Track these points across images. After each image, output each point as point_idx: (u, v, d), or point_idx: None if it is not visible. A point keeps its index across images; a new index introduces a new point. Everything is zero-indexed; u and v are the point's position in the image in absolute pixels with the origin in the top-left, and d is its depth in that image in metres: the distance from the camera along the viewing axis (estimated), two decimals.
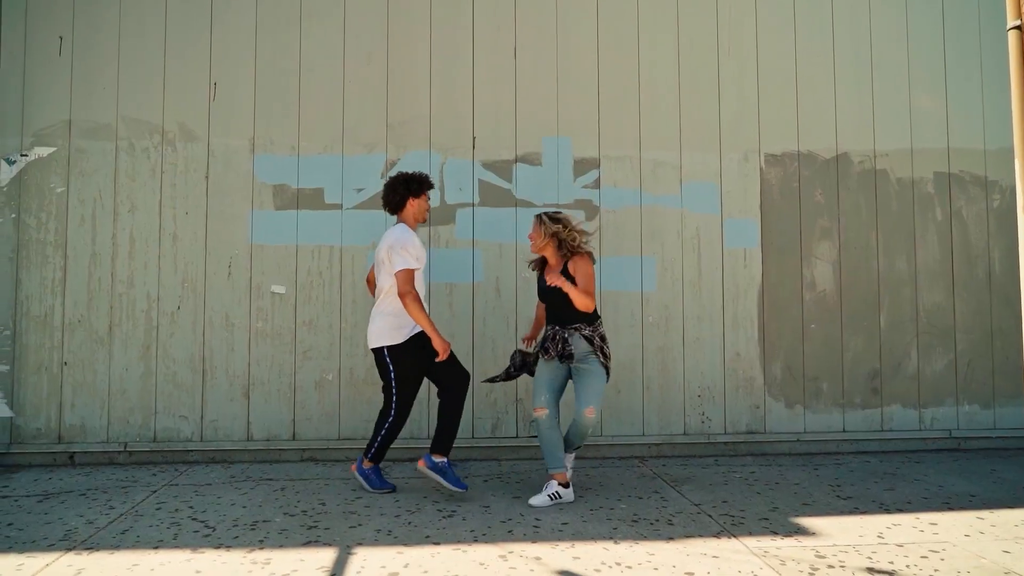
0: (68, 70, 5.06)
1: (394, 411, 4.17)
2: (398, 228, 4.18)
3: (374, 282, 4.34)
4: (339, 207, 5.14)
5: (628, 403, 5.24)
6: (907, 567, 3.14)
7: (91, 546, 3.36)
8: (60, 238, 4.99)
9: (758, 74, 5.47)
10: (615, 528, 3.62)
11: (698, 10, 5.47)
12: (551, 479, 4.07)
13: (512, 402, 5.18)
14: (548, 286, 4.09)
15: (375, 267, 4.27)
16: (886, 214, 5.51)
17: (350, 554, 3.26)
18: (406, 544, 3.39)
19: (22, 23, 5.03)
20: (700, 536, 3.51)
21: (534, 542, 3.42)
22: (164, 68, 5.11)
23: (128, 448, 4.93)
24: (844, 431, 5.37)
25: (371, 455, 4.22)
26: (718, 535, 3.53)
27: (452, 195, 5.20)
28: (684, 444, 5.24)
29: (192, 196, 5.09)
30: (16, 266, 4.96)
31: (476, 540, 3.44)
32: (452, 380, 4.16)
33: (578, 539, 3.46)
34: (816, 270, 5.44)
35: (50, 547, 3.34)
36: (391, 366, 4.13)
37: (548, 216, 4.18)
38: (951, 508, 3.98)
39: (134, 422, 4.97)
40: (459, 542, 3.42)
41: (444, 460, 4.07)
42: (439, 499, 4.11)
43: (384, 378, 4.20)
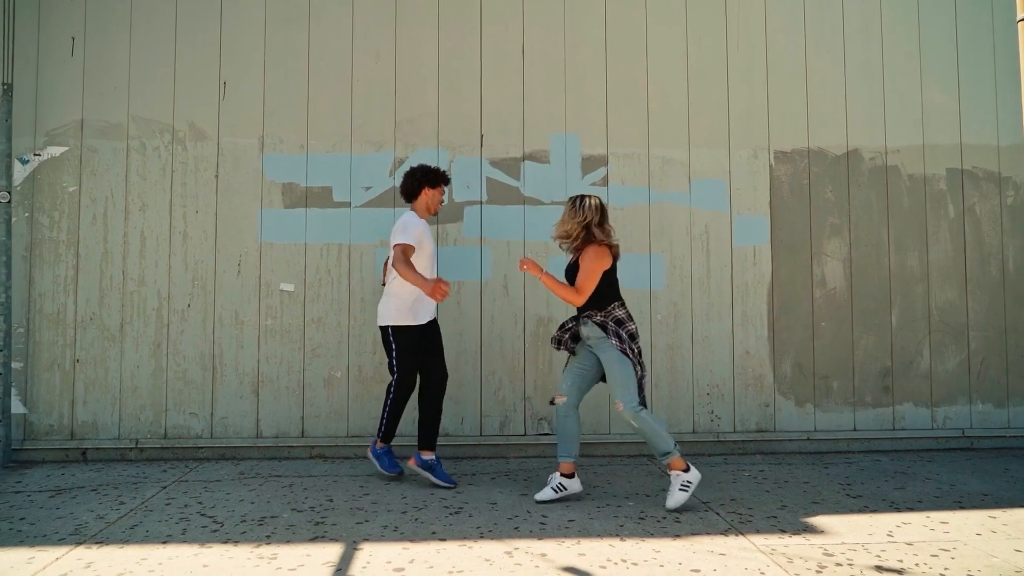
0: (80, 70, 5.11)
1: (394, 388, 4.36)
2: (406, 213, 4.44)
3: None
4: (347, 205, 5.16)
5: None
6: (916, 565, 3.11)
7: (101, 540, 3.39)
8: (72, 237, 5.04)
9: (767, 70, 5.44)
10: (621, 525, 3.61)
11: (706, 5, 5.44)
12: (555, 470, 4.08)
13: (520, 400, 5.18)
14: (567, 271, 4.16)
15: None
16: (897, 211, 5.46)
17: (356, 549, 3.27)
18: (412, 540, 3.39)
19: (35, 24, 5.08)
20: (707, 534, 3.50)
21: (540, 539, 3.41)
22: (174, 68, 5.15)
23: (139, 445, 4.97)
24: (855, 430, 5.32)
25: (380, 434, 4.42)
26: (725, 533, 3.51)
27: (460, 193, 5.21)
28: (693, 442, 5.21)
29: (202, 195, 5.12)
30: (30, 264, 5.01)
31: (482, 536, 3.44)
32: (436, 376, 4.39)
33: (584, 536, 3.45)
34: (826, 267, 5.40)
35: (61, 541, 3.38)
36: (393, 344, 4.34)
37: (583, 198, 4.04)
38: (963, 507, 3.94)
39: (145, 419, 5.02)
40: (465, 538, 3.42)
41: (433, 456, 4.30)
42: (446, 496, 4.11)
43: (388, 355, 4.40)
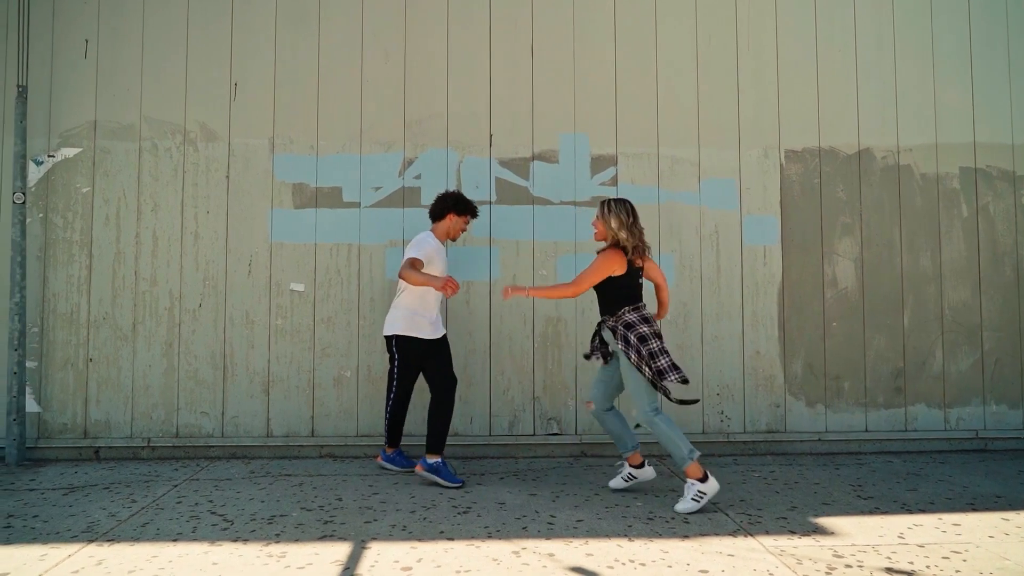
0: (93, 72, 5.16)
1: (392, 395, 4.55)
2: (423, 232, 4.53)
3: None
4: (357, 206, 5.18)
5: None
6: (927, 567, 3.08)
7: (112, 538, 3.42)
8: (86, 237, 5.09)
9: (778, 69, 5.40)
10: (630, 526, 3.60)
11: (716, 4, 5.42)
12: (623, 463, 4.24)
13: (529, 400, 5.18)
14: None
15: None
16: (910, 210, 5.41)
17: (364, 548, 3.29)
18: (420, 539, 3.40)
19: (49, 26, 5.14)
20: (716, 534, 3.48)
21: (548, 539, 3.41)
22: (186, 69, 5.19)
23: (151, 443, 5.01)
24: (867, 431, 5.28)
25: (386, 440, 4.66)
26: (734, 534, 3.50)
27: (469, 193, 5.18)
28: (703, 443, 5.17)
29: (213, 195, 5.16)
30: (43, 265, 5.06)
31: (490, 536, 3.45)
32: (443, 383, 4.41)
33: (592, 536, 3.45)
34: (838, 267, 5.36)
35: (73, 538, 3.41)
36: (396, 354, 4.47)
37: (613, 203, 4.05)
38: (976, 509, 3.90)
39: (157, 418, 5.06)
40: (473, 538, 3.43)
41: (438, 459, 4.33)
42: (454, 495, 4.12)
43: (390, 363, 4.54)
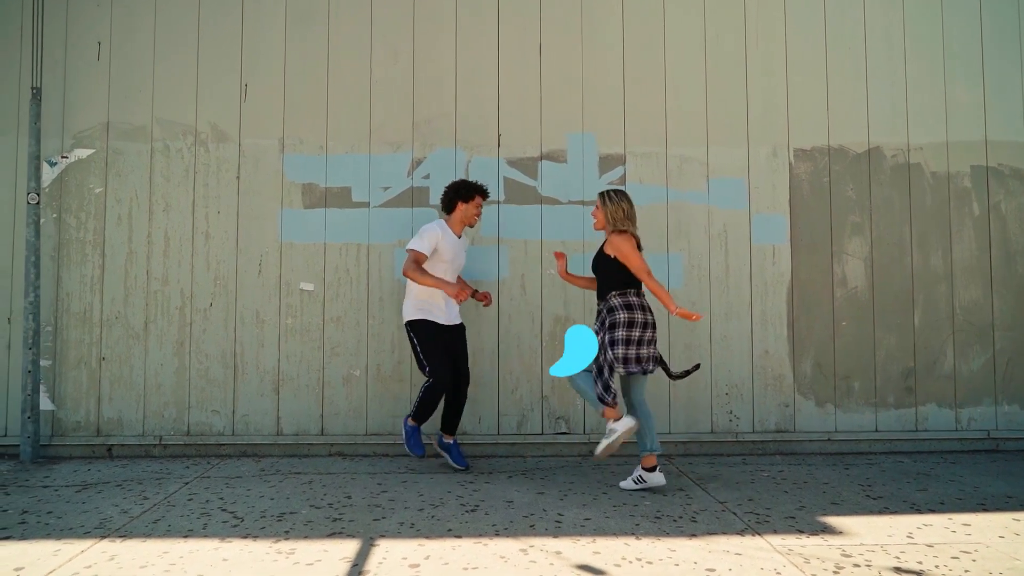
0: (106, 74, 5.21)
1: (431, 377, 4.46)
2: (432, 221, 4.64)
3: None
4: (366, 205, 5.21)
5: (654, 400, 5.18)
6: (936, 567, 3.07)
7: (124, 534, 3.46)
8: (98, 237, 5.15)
9: (787, 67, 5.39)
10: (637, 524, 3.61)
11: (725, 2, 5.41)
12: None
13: (537, 399, 5.19)
14: (593, 261, 4.37)
15: None
16: (920, 209, 5.38)
17: (372, 545, 3.31)
18: (428, 537, 3.42)
19: (63, 29, 5.20)
20: (724, 533, 3.48)
21: (555, 537, 3.42)
22: (197, 70, 5.24)
23: (163, 441, 5.06)
24: (876, 431, 5.26)
25: (412, 412, 4.59)
26: (742, 532, 3.49)
27: None
28: (711, 442, 5.19)
29: (224, 196, 5.20)
30: (57, 264, 5.12)
31: (498, 534, 3.46)
32: (458, 378, 4.57)
33: (599, 534, 3.45)
34: (847, 266, 5.34)
35: (86, 534, 3.46)
36: (414, 338, 4.52)
37: (613, 193, 4.28)
38: (986, 509, 3.88)
39: (168, 416, 5.11)
40: (481, 535, 3.44)
41: (452, 440, 4.64)
42: (463, 494, 4.14)
43: (414, 353, 4.56)
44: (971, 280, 5.38)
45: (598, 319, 4.30)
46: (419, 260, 4.39)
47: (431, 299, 4.53)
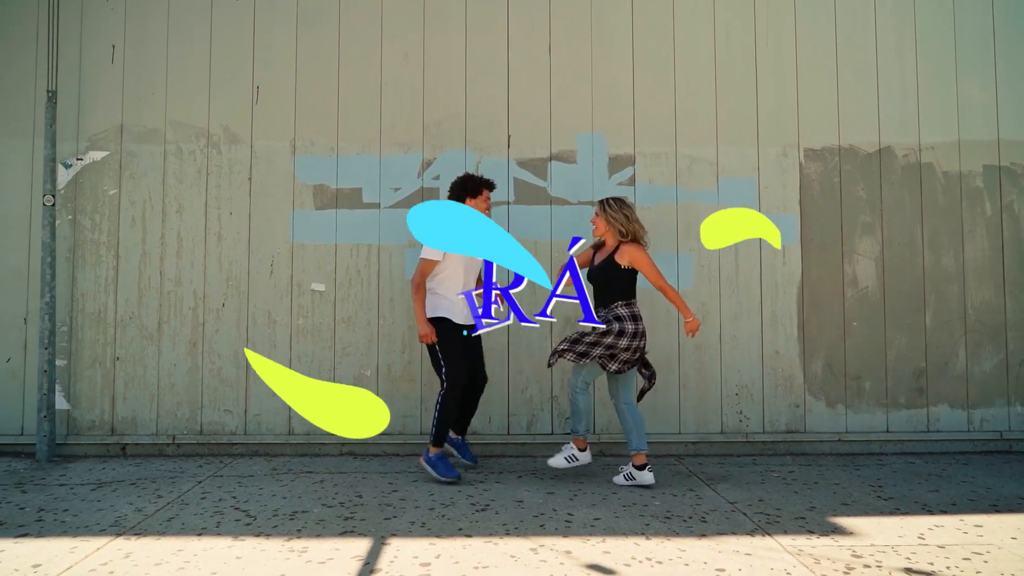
0: (120, 77, 5.27)
1: (447, 383, 4.35)
2: None
3: None
4: (376, 206, 5.24)
5: (664, 401, 5.21)
6: (947, 568, 3.06)
7: (139, 532, 3.51)
8: (113, 238, 5.21)
9: (797, 66, 5.38)
10: (647, 524, 3.61)
11: (735, 1, 5.40)
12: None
13: (547, 399, 5.20)
14: (595, 268, 4.40)
15: None
16: (932, 209, 5.36)
17: (384, 544, 3.33)
18: (439, 536, 3.44)
19: (77, 33, 5.26)
20: (733, 533, 3.48)
21: (565, 536, 3.44)
22: (209, 73, 5.28)
23: (176, 440, 5.11)
24: (888, 431, 5.24)
25: (432, 438, 4.38)
26: (752, 533, 3.49)
27: None
28: (721, 443, 5.18)
29: (236, 197, 5.25)
30: (72, 265, 5.18)
31: (508, 533, 3.48)
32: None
33: (609, 534, 3.47)
34: (858, 267, 5.32)
35: (101, 532, 3.50)
36: (434, 338, 4.39)
37: (613, 202, 4.36)
38: (999, 511, 3.86)
39: (182, 415, 5.15)
40: (491, 535, 3.46)
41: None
42: (473, 493, 4.16)
43: (431, 355, 4.45)
44: (983, 280, 5.35)
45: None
46: (425, 272, 4.38)
47: (446, 295, 4.46)
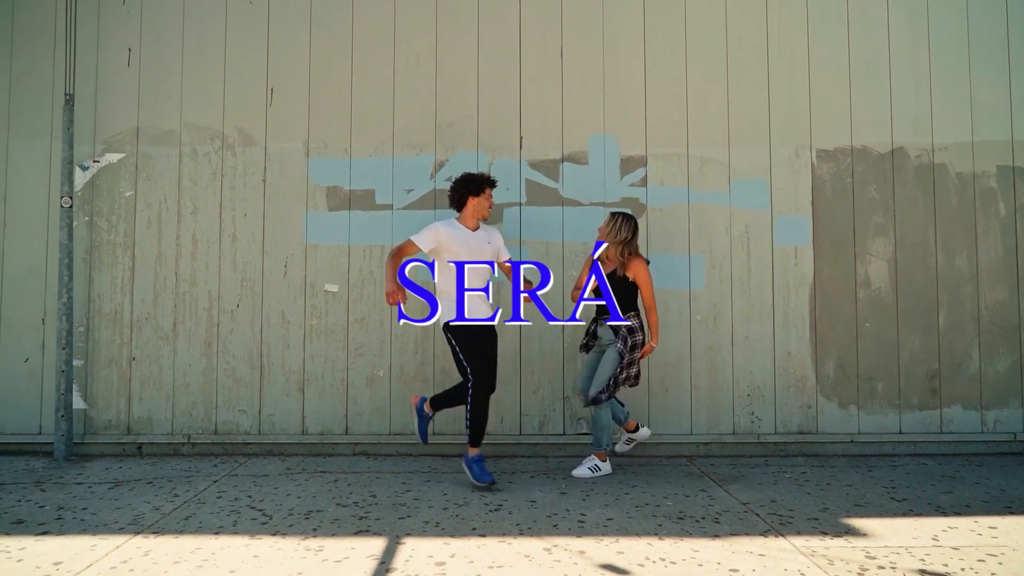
0: (136, 80, 5.32)
1: (471, 380, 4.27)
2: (442, 219, 4.60)
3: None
4: (389, 207, 5.28)
5: (676, 401, 5.22)
6: (962, 570, 3.06)
7: (157, 530, 3.55)
8: (129, 239, 5.26)
9: (809, 67, 5.37)
10: (660, 525, 3.63)
11: (747, 3, 5.40)
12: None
13: (559, 400, 5.22)
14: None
15: None
16: (945, 210, 5.34)
17: (399, 544, 3.36)
18: (453, 535, 3.47)
19: (94, 37, 5.32)
20: (746, 534, 3.49)
21: (579, 536, 3.46)
22: (224, 76, 5.33)
23: (191, 440, 5.16)
24: (900, 432, 5.23)
25: (470, 438, 4.33)
26: (765, 534, 3.50)
27: (499, 195, 5.24)
28: (733, 444, 5.19)
29: (250, 199, 5.29)
30: (89, 266, 5.24)
31: (521, 533, 3.50)
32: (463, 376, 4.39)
33: (623, 534, 3.48)
34: (871, 267, 5.31)
35: (120, 530, 3.55)
36: (453, 342, 4.36)
37: (624, 218, 4.52)
38: (1013, 512, 3.85)
39: (197, 415, 5.20)
40: (505, 535, 3.48)
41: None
42: (486, 493, 4.18)
43: (455, 357, 4.39)
44: (997, 281, 5.33)
45: (616, 335, 4.53)
46: (403, 248, 4.30)
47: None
